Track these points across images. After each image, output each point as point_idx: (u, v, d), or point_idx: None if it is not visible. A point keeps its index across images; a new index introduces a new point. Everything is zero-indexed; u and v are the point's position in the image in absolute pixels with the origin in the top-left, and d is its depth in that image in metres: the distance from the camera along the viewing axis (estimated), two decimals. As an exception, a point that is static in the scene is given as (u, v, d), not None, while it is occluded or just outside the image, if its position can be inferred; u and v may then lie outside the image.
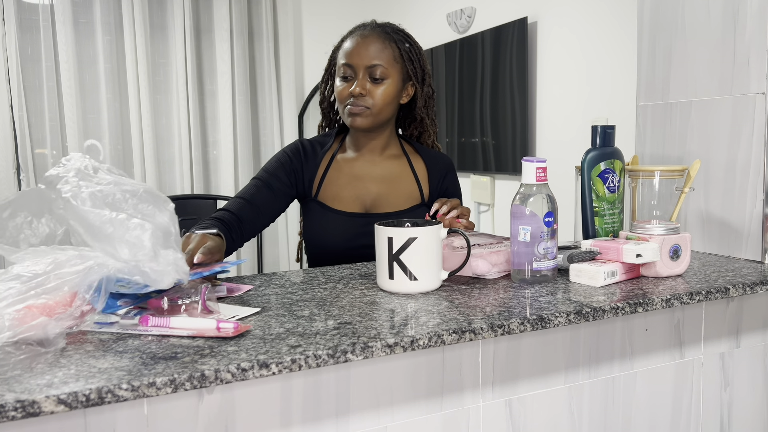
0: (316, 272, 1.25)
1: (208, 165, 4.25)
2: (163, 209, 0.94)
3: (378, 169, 1.51)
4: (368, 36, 1.43)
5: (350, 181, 1.49)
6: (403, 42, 1.47)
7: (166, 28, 4.05)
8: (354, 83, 1.42)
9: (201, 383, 0.73)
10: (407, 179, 1.52)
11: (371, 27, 1.47)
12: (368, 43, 1.42)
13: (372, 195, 1.49)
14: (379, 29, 1.46)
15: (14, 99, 3.72)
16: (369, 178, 1.50)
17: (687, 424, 1.19)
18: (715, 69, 1.33)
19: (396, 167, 1.52)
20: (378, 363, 0.92)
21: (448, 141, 3.85)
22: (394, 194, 1.50)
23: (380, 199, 1.49)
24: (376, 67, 1.41)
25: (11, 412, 0.65)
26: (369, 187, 1.49)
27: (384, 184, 1.50)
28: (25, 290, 0.82)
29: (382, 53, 1.42)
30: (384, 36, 1.44)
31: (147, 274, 0.89)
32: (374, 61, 1.41)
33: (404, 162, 1.54)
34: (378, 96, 1.42)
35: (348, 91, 1.42)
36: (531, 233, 1.08)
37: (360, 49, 1.42)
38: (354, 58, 1.41)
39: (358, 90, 1.40)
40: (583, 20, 2.86)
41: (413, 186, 1.52)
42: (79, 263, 0.87)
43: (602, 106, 2.78)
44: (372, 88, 1.42)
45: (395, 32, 1.47)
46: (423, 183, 1.53)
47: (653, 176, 1.28)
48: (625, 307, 0.98)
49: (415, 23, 4.05)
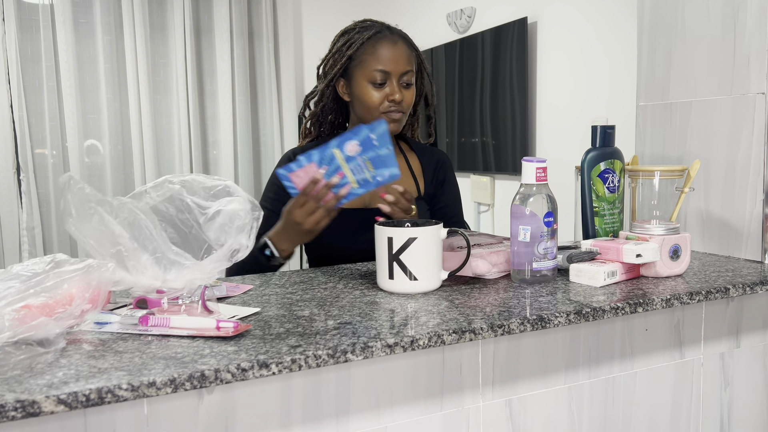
0: (316, 272, 1.25)
1: (208, 165, 4.25)
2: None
3: None
4: (398, 42, 1.46)
5: None
6: (413, 46, 1.52)
7: (166, 28, 4.05)
8: (386, 89, 1.44)
9: (201, 383, 0.73)
10: (404, 175, 1.54)
11: (395, 32, 1.49)
12: (401, 50, 1.45)
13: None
14: (401, 36, 1.49)
15: (14, 99, 3.72)
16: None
17: (687, 424, 1.19)
18: (715, 69, 1.33)
19: None
20: (378, 363, 0.92)
21: (448, 141, 3.85)
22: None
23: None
24: (408, 74, 1.45)
25: (11, 412, 0.65)
26: None
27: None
28: (25, 289, 0.82)
29: (411, 59, 1.47)
30: (407, 43, 1.48)
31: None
32: (407, 68, 1.45)
33: (400, 158, 1.56)
34: (408, 101, 1.47)
35: (384, 98, 1.44)
36: (531, 233, 1.08)
37: (396, 56, 1.44)
38: (391, 65, 1.43)
39: (399, 97, 1.44)
40: (583, 20, 2.86)
41: (410, 181, 1.54)
42: (79, 262, 0.87)
43: (602, 106, 2.78)
44: (404, 92, 1.45)
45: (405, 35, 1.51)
46: (419, 178, 1.56)
47: (653, 176, 1.28)
48: (625, 307, 0.98)
49: (415, 23, 4.05)
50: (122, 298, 1.02)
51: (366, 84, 1.45)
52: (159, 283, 0.95)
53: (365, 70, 1.44)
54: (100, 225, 0.92)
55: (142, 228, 0.96)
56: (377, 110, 1.45)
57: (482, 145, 3.53)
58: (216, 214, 0.98)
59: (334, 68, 1.49)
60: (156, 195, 1.00)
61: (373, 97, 1.44)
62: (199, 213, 0.99)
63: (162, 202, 1.01)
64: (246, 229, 0.98)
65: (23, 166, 3.77)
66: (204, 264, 0.95)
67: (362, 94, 1.46)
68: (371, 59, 1.44)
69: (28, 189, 3.80)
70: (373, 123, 1.26)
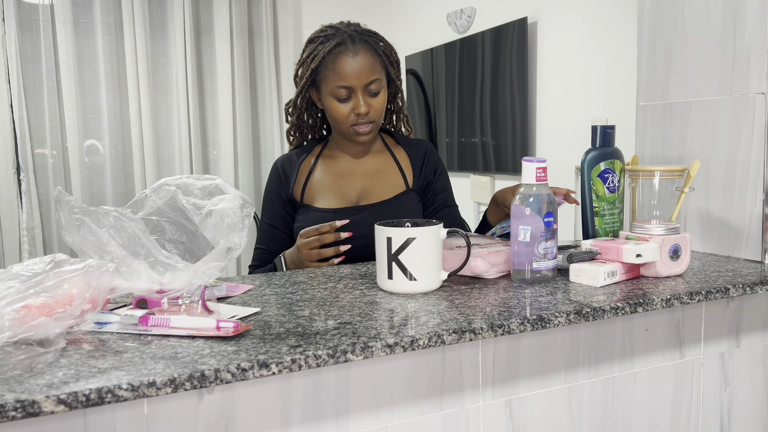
0: (316, 272, 1.25)
1: (208, 165, 4.25)
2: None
3: (362, 166, 1.53)
4: (359, 53, 1.40)
5: (334, 180, 1.51)
6: (378, 43, 1.45)
7: (166, 28, 4.05)
8: (352, 102, 1.41)
9: (201, 383, 0.73)
10: (391, 170, 1.54)
11: (355, 39, 1.42)
12: (361, 60, 1.39)
13: (357, 190, 1.50)
14: (361, 41, 1.42)
15: (14, 99, 3.72)
16: (354, 175, 1.52)
17: (687, 424, 1.19)
18: (715, 69, 1.33)
19: (379, 161, 1.54)
20: (378, 363, 0.92)
21: (448, 141, 3.85)
22: (378, 186, 1.51)
23: (366, 192, 1.51)
24: (374, 82, 1.41)
25: (11, 412, 0.65)
26: (354, 183, 1.51)
27: (368, 178, 1.52)
28: (25, 289, 0.82)
29: (375, 67, 1.42)
30: (369, 47, 1.42)
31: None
32: (371, 78, 1.40)
33: (387, 155, 1.55)
34: (378, 108, 1.43)
35: (351, 112, 1.41)
36: (531, 233, 1.08)
37: (357, 70, 1.39)
38: (353, 79, 1.39)
39: (364, 109, 1.40)
40: (584, 20, 2.86)
41: (397, 176, 1.53)
42: (79, 262, 0.87)
43: (602, 106, 2.78)
44: (371, 101, 1.42)
45: (370, 35, 1.45)
46: (407, 171, 1.54)
47: (653, 176, 1.28)
48: (625, 307, 0.98)
49: (415, 23, 4.05)
50: (122, 298, 1.02)
51: (331, 99, 1.42)
52: (157, 286, 0.95)
53: (329, 86, 1.42)
54: (88, 234, 0.93)
55: (131, 235, 0.97)
56: (345, 124, 1.43)
57: (482, 145, 3.53)
58: (208, 214, 0.98)
59: (302, 80, 1.47)
60: (157, 198, 1.00)
61: (339, 112, 1.42)
62: (195, 213, 1.00)
63: (164, 204, 1.01)
64: (237, 227, 0.98)
65: (23, 166, 3.77)
66: (197, 266, 0.95)
67: (329, 108, 1.44)
68: (333, 75, 1.40)
69: (28, 189, 3.80)
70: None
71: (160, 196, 1.01)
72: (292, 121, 1.56)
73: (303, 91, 1.48)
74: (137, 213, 1.00)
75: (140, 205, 1.01)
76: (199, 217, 0.99)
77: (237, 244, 0.97)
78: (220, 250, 0.96)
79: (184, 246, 1.04)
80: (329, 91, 1.41)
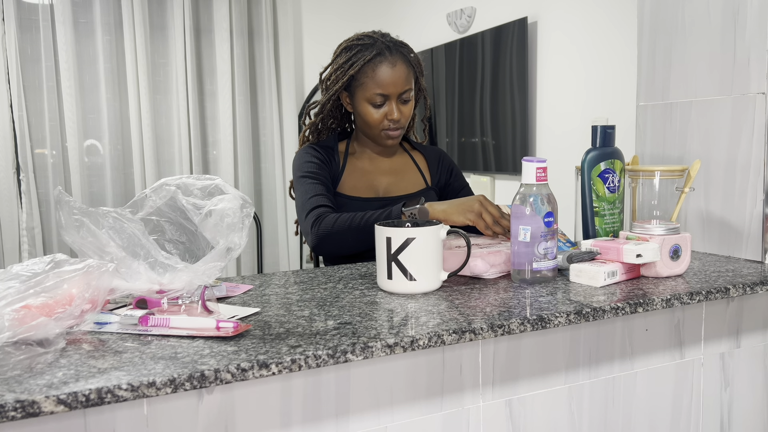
0: (316, 272, 1.25)
1: (208, 165, 4.25)
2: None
3: (386, 165, 1.65)
4: (396, 64, 1.51)
5: (363, 174, 1.62)
6: (410, 54, 1.57)
7: (166, 28, 4.04)
8: (385, 108, 1.52)
9: (201, 383, 0.73)
10: (411, 171, 1.67)
11: (392, 50, 1.52)
12: (399, 71, 1.51)
13: (383, 185, 1.62)
14: (398, 53, 1.53)
15: (14, 99, 3.72)
16: (379, 172, 1.64)
17: (687, 424, 1.19)
18: (715, 69, 1.33)
19: (400, 162, 1.67)
20: (378, 363, 0.92)
21: (448, 141, 3.85)
22: (402, 182, 1.64)
23: (391, 186, 1.63)
24: (407, 91, 1.53)
25: (11, 412, 0.65)
26: (380, 178, 1.63)
27: (392, 175, 1.64)
28: (25, 289, 0.82)
29: (409, 78, 1.54)
30: (405, 59, 1.54)
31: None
32: (405, 87, 1.53)
33: (406, 157, 1.69)
34: (407, 116, 1.56)
35: (383, 117, 1.53)
36: (531, 233, 1.08)
37: (395, 79, 1.51)
38: (390, 88, 1.51)
39: (397, 116, 1.53)
40: (584, 20, 2.86)
41: (417, 175, 1.67)
42: (79, 262, 0.87)
43: (602, 106, 2.78)
44: (403, 108, 1.54)
45: (403, 46, 1.56)
46: (425, 172, 1.68)
47: (653, 176, 1.28)
48: (625, 307, 0.98)
49: (415, 23, 4.05)
50: (122, 298, 1.02)
51: (366, 104, 1.53)
52: (157, 287, 0.95)
53: (366, 92, 1.52)
54: (88, 235, 0.93)
55: (130, 236, 0.97)
56: (378, 128, 1.55)
57: (482, 145, 3.53)
58: (208, 214, 0.99)
59: (336, 84, 1.55)
60: (157, 198, 1.01)
61: (373, 116, 1.53)
62: (195, 213, 1.00)
63: (164, 204, 1.01)
64: (237, 227, 0.98)
65: (23, 166, 3.77)
66: (197, 266, 0.95)
67: (363, 113, 1.55)
68: (371, 83, 1.51)
69: (28, 189, 3.79)
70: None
71: (160, 196, 1.01)
72: (314, 122, 1.65)
73: (335, 94, 1.57)
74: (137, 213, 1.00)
75: (140, 205, 1.01)
76: (199, 217, 0.99)
77: (237, 244, 0.97)
78: (220, 250, 0.96)
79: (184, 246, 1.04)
80: (366, 97, 1.52)
